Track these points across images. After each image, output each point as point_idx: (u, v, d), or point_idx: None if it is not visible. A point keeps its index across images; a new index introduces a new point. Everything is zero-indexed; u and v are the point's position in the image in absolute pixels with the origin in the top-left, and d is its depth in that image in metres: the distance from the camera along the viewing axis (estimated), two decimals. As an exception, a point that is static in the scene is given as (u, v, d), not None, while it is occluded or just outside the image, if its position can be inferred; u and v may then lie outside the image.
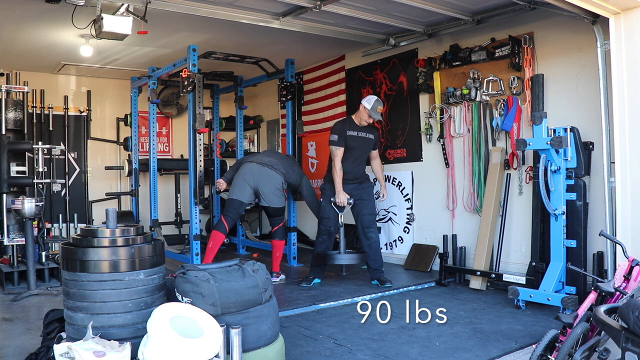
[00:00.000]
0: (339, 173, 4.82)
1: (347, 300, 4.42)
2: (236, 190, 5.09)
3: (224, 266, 2.84)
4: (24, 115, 5.66)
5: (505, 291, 4.40)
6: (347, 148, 4.86)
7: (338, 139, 4.84)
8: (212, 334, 2.40)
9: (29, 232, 4.85)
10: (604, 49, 3.97)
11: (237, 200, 5.06)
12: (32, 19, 4.84)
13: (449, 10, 4.68)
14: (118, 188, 7.61)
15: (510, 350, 3.19)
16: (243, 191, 5.06)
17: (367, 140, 4.97)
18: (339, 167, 4.82)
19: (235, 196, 5.07)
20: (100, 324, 2.51)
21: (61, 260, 2.71)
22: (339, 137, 4.83)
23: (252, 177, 5.05)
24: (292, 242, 6.02)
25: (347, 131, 4.86)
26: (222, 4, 4.44)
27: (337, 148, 4.84)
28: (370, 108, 4.78)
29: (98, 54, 6.03)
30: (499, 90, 4.99)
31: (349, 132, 4.86)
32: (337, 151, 4.83)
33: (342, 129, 4.87)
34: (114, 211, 2.73)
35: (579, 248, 4.16)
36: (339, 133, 4.85)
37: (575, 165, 4.17)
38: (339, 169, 4.82)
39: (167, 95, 7.82)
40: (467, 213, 5.34)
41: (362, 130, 4.92)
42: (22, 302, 4.50)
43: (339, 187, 4.81)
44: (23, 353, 3.09)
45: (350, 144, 4.86)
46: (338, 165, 4.82)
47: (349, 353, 3.19)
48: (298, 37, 5.51)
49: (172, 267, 3.95)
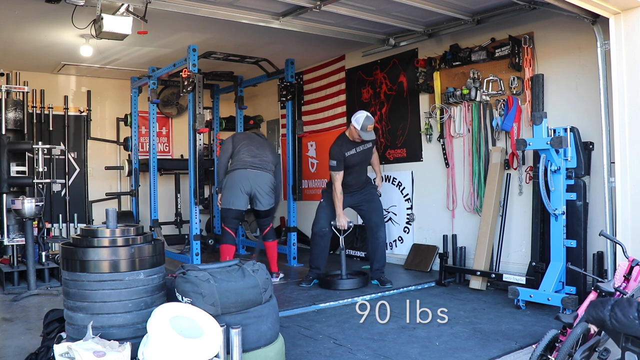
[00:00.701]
0: (340, 197, 4.79)
1: (347, 300, 4.42)
2: (233, 199, 4.97)
3: (224, 266, 2.84)
4: (24, 115, 5.66)
5: (505, 291, 4.40)
6: (347, 167, 4.83)
7: (337, 165, 4.78)
8: (212, 334, 2.40)
9: (29, 232, 4.85)
10: (604, 49, 3.97)
11: (235, 210, 4.99)
12: (32, 19, 4.84)
13: (449, 10, 4.68)
14: (118, 188, 7.61)
15: (510, 350, 3.19)
16: (240, 199, 4.97)
17: (366, 152, 4.93)
18: (339, 191, 4.79)
19: (233, 205, 4.97)
20: (100, 324, 2.51)
21: (61, 260, 2.71)
22: (338, 163, 4.78)
23: (249, 185, 4.97)
24: (292, 242, 6.02)
25: (344, 153, 4.80)
26: (222, 4, 4.44)
27: (336, 173, 4.80)
28: (360, 128, 4.67)
29: (98, 54, 6.03)
30: (499, 90, 4.99)
31: (347, 153, 4.80)
32: (337, 176, 4.80)
33: (339, 153, 4.79)
34: (114, 211, 2.73)
35: (579, 248, 4.16)
36: (337, 158, 4.78)
37: (575, 165, 4.17)
38: (339, 192, 4.79)
39: (167, 95, 7.82)
40: (467, 213, 5.34)
41: (358, 145, 4.85)
42: (22, 302, 4.50)
43: (340, 210, 4.81)
44: (23, 353, 3.09)
45: (350, 163, 4.83)
46: (338, 189, 4.79)
47: (349, 353, 3.19)
48: (298, 37, 5.51)
49: (172, 267, 3.95)
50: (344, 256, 4.94)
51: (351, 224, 4.88)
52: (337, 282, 4.79)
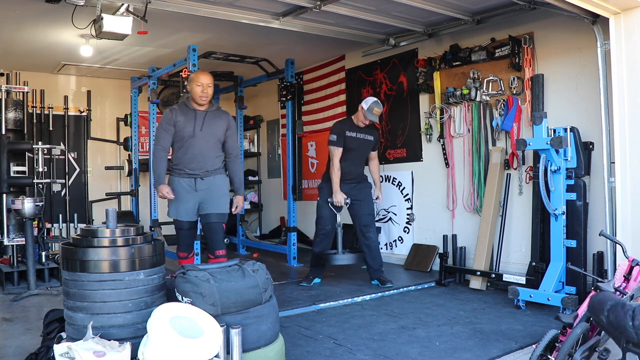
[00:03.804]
0: (337, 173, 4.80)
1: (347, 300, 4.42)
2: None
3: (224, 266, 2.84)
4: (24, 115, 5.66)
5: (505, 291, 4.40)
6: (345, 149, 4.84)
7: (337, 139, 4.83)
8: (212, 334, 2.39)
9: (29, 232, 4.85)
10: (604, 49, 3.97)
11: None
12: (32, 19, 4.84)
13: (449, 10, 4.68)
14: (118, 188, 7.61)
15: (510, 350, 3.19)
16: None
17: (366, 142, 4.95)
18: (337, 166, 4.81)
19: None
20: (100, 324, 2.50)
21: (61, 260, 2.71)
22: (338, 137, 4.82)
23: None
24: (292, 242, 6.02)
25: (346, 132, 4.84)
26: (222, 4, 4.44)
27: (335, 148, 4.82)
28: (367, 109, 4.73)
29: (98, 54, 6.03)
30: (499, 90, 4.99)
31: (348, 132, 4.84)
32: (336, 151, 4.82)
33: (341, 130, 4.85)
34: (114, 211, 2.73)
35: (579, 248, 4.16)
36: (338, 133, 4.84)
37: (575, 165, 4.17)
38: (337, 168, 4.80)
39: (167, 95, 7.81)
40: (467, 213, 5.34)
41: (361, 131, 4.89)
42: (22, 302, 4.50)
43: (336, 186, 4.80)
44: (23, 353, 3.09)
45: (349, 145, 4.85)
46: (336, 164, 4.81)
47: (349, 353, 3.19)
48: (298, 37, 5.51)
49: (172, 267, 3.95)
50: (340, 233, 4.91)
51: (348, 200, 4.86)
52: (333, 257, 4.78)
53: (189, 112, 4.09)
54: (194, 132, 4.05)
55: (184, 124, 4.05)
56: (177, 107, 4.13)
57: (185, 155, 4.08)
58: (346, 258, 4.84)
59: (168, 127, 4.07)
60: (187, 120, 4.06)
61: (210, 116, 4.12)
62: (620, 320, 2.03)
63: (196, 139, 4.06)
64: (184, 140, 4.07)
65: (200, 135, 4.07)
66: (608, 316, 2.09)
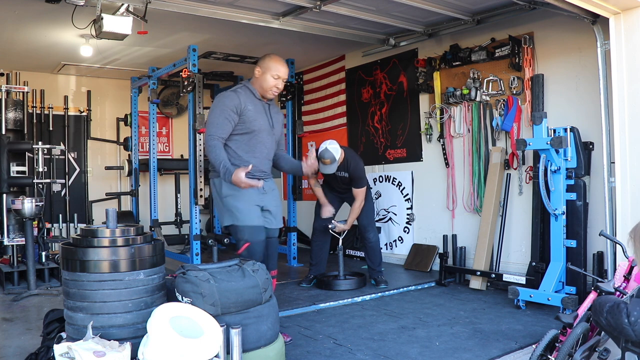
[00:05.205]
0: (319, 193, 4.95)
1: (347, 300, 4.42)
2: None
3: (224, 266, 2.84)
4: (24, 115, 5.66)
5: (505, 291, 4.40)
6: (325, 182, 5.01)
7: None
8: (212, 334, 2.40)
9: (29, 232, 4.85)
10: (604, 49, 3.97)
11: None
12: (32, 19, 4.84)
13: (449, 10, 4.68)
14: (118, 188, 7.61)
15: (510, 350, 3.19)
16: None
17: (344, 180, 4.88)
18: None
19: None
20: (100, 324, 2.51)
21: (61, 260, 2.71)
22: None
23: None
24: (292, 242, 6.03)
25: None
26: (222, 4, 4.44)
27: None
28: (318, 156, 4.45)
29: (98, 54, 6.03)
30: (499, 90, 4.99)
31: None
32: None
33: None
34: (114, 211, 2.73)
35: (579, 248, 4.16)
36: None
37: (575, 165, 4.17)
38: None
39: (167, 95, 7.82)
40: (467, 213, 5.34)
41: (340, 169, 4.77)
42: (22, 302, 4.50)
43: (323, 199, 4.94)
44: (23, 353, 3.09)
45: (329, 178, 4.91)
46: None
47: (349, 353, 3.19)
48: (298, 37, 5.51)
49: (172, 267, 3.95)
50: (341, 257, 4.93)
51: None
52: (334, 282, 4.79)
53: (256, 101, 3.35)
54: (266, 127, 3.35)
55: (255, 115, 3.29)
56: (242, 91, 3.32)
57: (252, 152, 3.33)
58: (347, 284, 4.79)
59: (231, 116, 3.22)
60: (257, 111, 3.32)
61: (274, 110, 3.49)
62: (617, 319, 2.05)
63: (264, 135, 3.35)
64: (252, 134, 3.30)
65: (271, 132, 3.41)
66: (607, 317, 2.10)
